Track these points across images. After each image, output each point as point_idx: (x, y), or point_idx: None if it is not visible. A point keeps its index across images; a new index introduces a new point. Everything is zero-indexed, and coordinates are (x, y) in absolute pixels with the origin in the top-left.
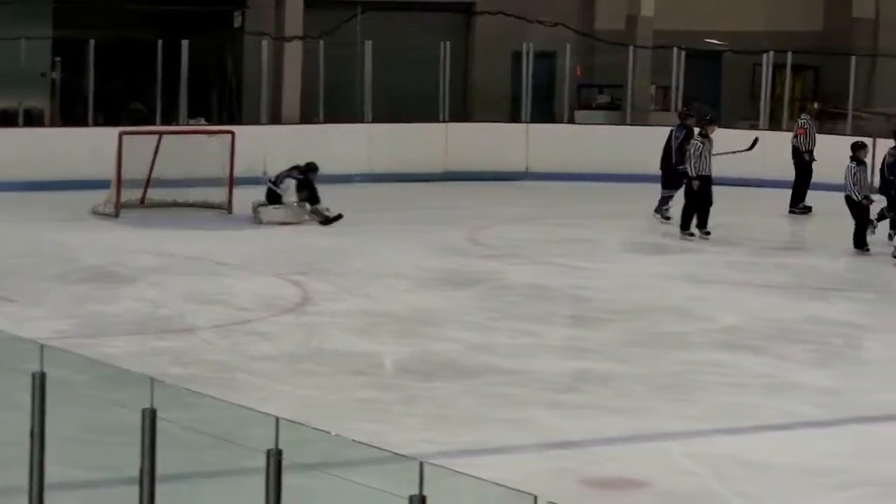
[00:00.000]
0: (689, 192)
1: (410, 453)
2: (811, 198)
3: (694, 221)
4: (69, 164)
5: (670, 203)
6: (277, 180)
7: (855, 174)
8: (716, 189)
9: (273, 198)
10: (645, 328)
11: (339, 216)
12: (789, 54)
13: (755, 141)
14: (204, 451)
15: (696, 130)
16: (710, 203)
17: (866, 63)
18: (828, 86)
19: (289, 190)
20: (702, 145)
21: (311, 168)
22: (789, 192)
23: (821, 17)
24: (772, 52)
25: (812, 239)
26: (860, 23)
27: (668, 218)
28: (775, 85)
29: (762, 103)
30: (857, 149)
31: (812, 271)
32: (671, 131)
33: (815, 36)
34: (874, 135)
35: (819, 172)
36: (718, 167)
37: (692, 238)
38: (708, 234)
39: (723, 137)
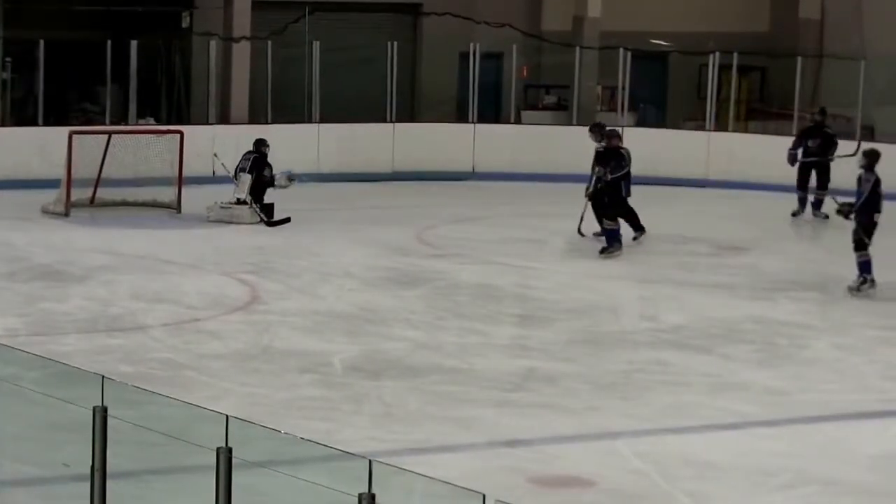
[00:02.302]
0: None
1: (359, 451)
2: (766, 200)
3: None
4: (19, 164)
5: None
6: (237, 173)
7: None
8: (660, 189)
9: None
10: (591, 327)
11: (287, 219)
12: (735, 55)
13: (859, 146)
14: (154, 448)
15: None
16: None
17: (812, 64)
18: (774, 87)
19: (245, 185)
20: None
21: (261, 143)
22: (733, 191)
23: (767, 18)
24: (718, 53)
25: (757, 239)
26: (806, 24)
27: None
28: (721, 86)
29: (708, 104)
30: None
31: (757, 271)
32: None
33: (761, 37)
34: None
35: (764, 174)
36: (674, 167)
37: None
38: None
39: (670, 138)
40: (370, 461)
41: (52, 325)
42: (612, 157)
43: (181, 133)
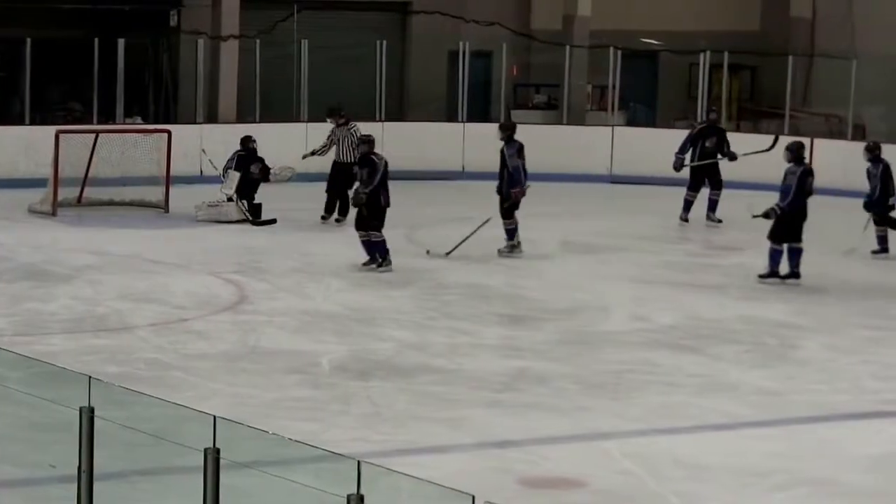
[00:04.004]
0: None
1: (347, 452)
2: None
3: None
4: (5, 163)
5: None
6: (225, 172)
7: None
8: (650, 188)
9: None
10: (581, 327)
11: (273, 220)
12: (726, 54)
13: (776, 139)
14: (141, 449)
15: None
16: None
17: (803, 63)
18: (764, 86)
19: (233, 182)
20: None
21: (247, 140)
22: (725, 191)
23: (758, 16)
24: (708, 52)
25: (746, 239)
26: (797, 23)
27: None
28: (712, 85)
29: (699, 103)
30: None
31: (748, 271)
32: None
33: (751, 36)
34: (811, 135)
35: (755, 173)
36: (664, 166)
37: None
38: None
39: (661, 137)
40: (358, 462)
41: (38, 325)
42: (364, 166)
43: (168, 132)
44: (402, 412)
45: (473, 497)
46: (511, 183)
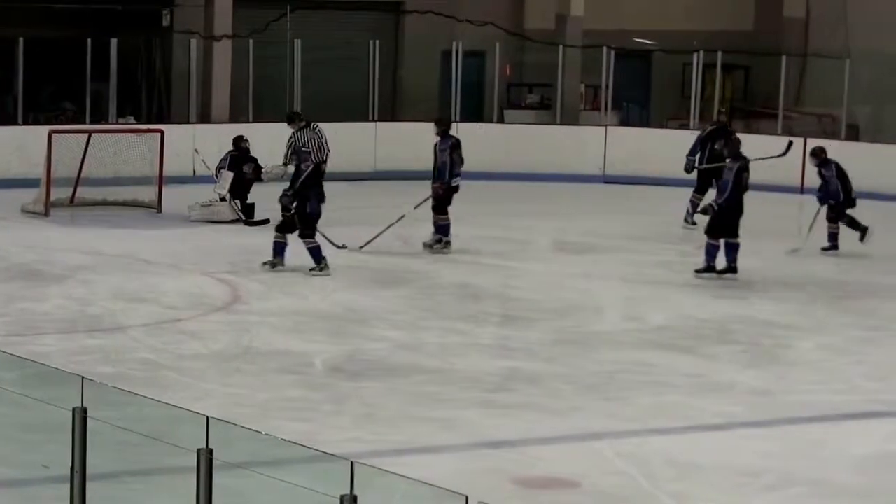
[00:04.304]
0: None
1: (340, 453)
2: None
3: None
4: None
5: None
6: (218, 172)
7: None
8: (644, 189)
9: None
10: (574, 327)
11: (266, 220)
12: (719, 54)
13: (790, 145)
14: (134, 449)
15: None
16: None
17: (797, 63)
18: (758, 86)
19: (226, 182)
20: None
21: (240, 140)
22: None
23: (751, 16)
24: (702, 52)
25: (742, 239)
26: (791, 22)
27: (694, 223)
28: (705, 84)
29: (692, 103)
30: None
31: (741, 271)
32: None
33: (745, 35)
34: (804, 135)
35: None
36: (657, 166)
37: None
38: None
39: (654, 137)
40: (352, 462)
41: (30, 325)
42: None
43: (161, 132)
44: (395, 412)
45: (467, 497)
46: (434, 177)
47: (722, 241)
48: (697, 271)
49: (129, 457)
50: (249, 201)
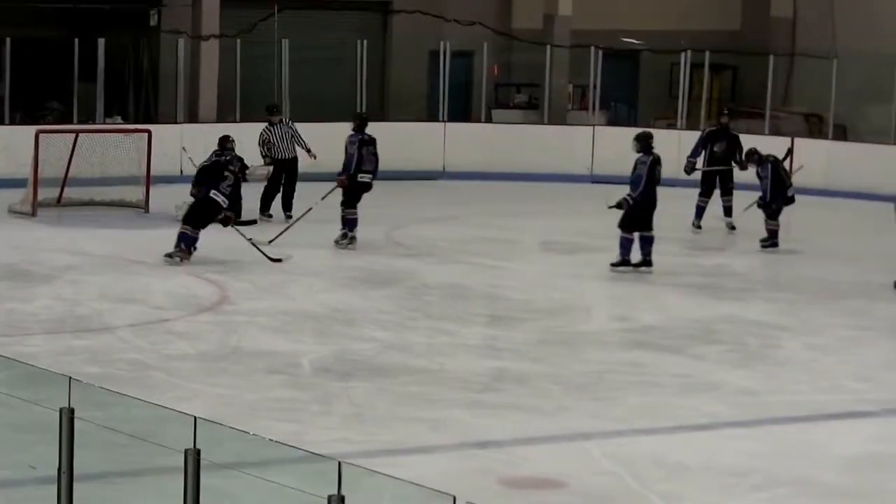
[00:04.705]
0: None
1: (328, 453)
2: (737, 199)
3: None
4: None
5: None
6: None
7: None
8: (626, 188)
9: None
10: (562, 327)
11: (253, 221)
12: (707, 54)
13: (789, 151)
14: (122, 449)
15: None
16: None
17: (784, 63)
18: (745, 85)
19: None
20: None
21: (225, 140)
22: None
23: (738, 16)
24: (689, 52)
25: (728, 239)
26: (778, 22)
27: (700, 227)
28: (693, 84)
29: (680, 103)
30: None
31: (728, 271)
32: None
33: (732, 35)
34: (792, 135)
35: (735, 173)
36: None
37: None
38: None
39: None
40: (339, 463)
41: (17, 325)
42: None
43: (149, 132)
44: (383, 413)
45: (454, 497)
46: (341, 171)
47: (636, 235)
48: (613, 265)
49: (116, 457)
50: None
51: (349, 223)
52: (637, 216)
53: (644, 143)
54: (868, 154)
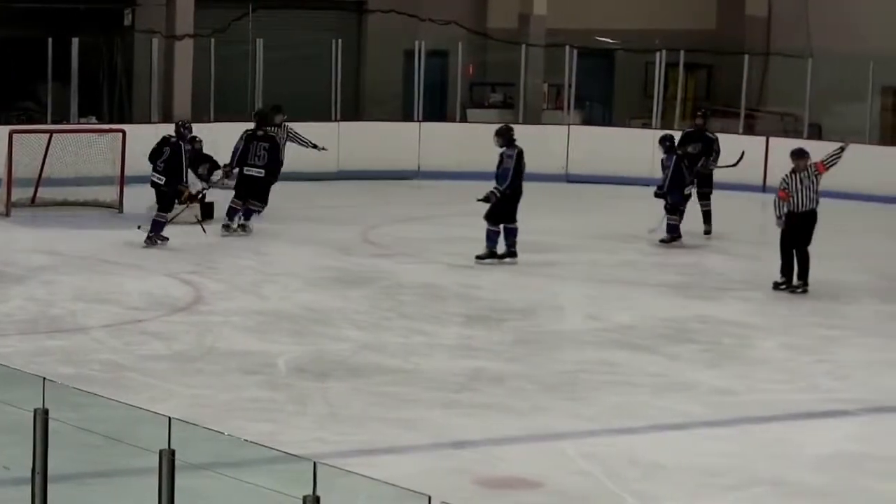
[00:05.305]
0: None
1: (303, 453)
2: (714, 198)
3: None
4: None
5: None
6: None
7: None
8: (606, 187)
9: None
10: (537, 327)
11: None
12: (682, 53)
13: (742, 156)
14: (96, 450)
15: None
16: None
17: (759, 62)
18: (720, 85)
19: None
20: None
21: (192, 139)
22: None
23: (714, 15)
24: (664, 51)
25: (702, 239)
26: (753, 21)
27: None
28: (668, 84)
29: (655, 102)
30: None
31: (703, 271)
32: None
33: (707, 34)
34: (767, 134)
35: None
36: (620, 165)
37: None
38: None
39: (617, 136)
40: (315, 463)
41: None
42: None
43: (123, 132)
44: (358, 413)
45: (429, 497)
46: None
47: (501, 227)
48: (478, 257)
49: (90, 458)
50: (208, 200)
51: (230, 211)
52: (504, 209)
53: (506, 136)
54: (847, 154)
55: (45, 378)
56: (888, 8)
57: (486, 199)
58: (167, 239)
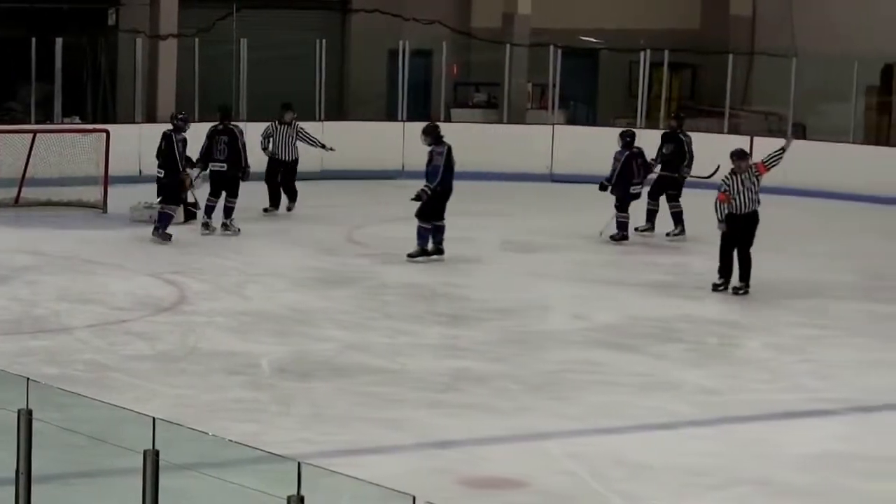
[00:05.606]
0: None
1: (287, 453)
2: (697, 198)
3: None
4: None
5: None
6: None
7: None
8: (591, 187)
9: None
10: (522, 327)
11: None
12: (666, 52)
13: (717, 169)
14: (80, 451)
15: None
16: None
17: (743, 61)
18: (705, 84)
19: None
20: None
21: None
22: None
23: (698, 15)
24: (649, 51)
25: (688, 238)
26: (737, 21)
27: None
28: (652, 83)
29: (639, 102)
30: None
31: (688, 270)
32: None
33: (692, 34)
34: (751, 133)
35: (694, 172)
36: (605, 165)
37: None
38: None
39: (601, 136)
40: (299, 463)
41: None
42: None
43: (107, 132)
44: (342, 413)
45: (414, 497)
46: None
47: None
48: (410, 255)
49: (74, 458)
50: (190, 200)
51: (207, 210)
52: (435, 206)
53: (433, 134)
54: (827, 153)
55: (28, 378)
56: (872, 8)
57: (417, 198)
58: (170, 237)
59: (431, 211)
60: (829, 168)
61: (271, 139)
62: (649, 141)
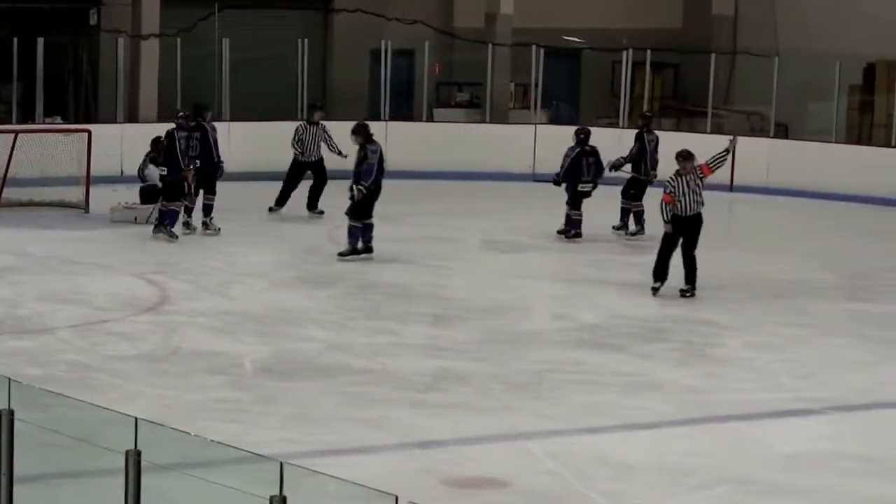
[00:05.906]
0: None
1: (270, 453)
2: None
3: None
4: None
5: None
6: (141, 173)
7: None
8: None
9: (147, 196)
10: (504, 327)
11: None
12: (648, 52)
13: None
14: (62, 451)
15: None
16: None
17: (726, 61)
18: (687, 84)
19: (154, 175)
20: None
21: (158, 141)
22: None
23: (680, 14)
24: (631, 50)
25: (645, 237)
26: (719, 20)
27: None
28: (634, 83)
29: (622, 101)
30: None
31: (671, 270)
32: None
33: (674, 34)
34: (733, 132)
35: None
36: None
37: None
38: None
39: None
40: (281, 463)
41: None
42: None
43: (89, 132)
44: (325, 413)
45: (397, 497)
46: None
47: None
48: (341, 254)
49: (56, 459)
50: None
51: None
52: (366, 204)
53: (364, 133)
54: (809, 152)
55: (10, 379)
56: (854, 7)
57: (352, 197)
58: (176, 237)
59: (363, 210)
60: (811, 167)
61: (301, 141)
62: (630, 141)
